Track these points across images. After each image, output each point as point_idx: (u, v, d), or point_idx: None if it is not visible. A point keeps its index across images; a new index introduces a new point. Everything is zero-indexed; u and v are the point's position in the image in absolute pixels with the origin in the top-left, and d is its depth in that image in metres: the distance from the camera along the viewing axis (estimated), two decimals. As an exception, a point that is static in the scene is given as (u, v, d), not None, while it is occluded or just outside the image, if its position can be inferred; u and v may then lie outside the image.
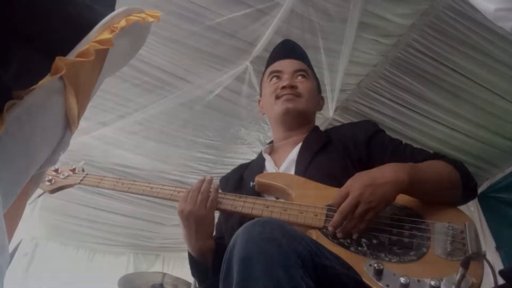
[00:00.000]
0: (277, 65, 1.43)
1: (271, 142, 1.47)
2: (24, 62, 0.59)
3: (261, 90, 1.51)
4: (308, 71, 1.44)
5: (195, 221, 1.11)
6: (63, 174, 1.36)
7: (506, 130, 2.93)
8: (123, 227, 4.07)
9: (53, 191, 1.36)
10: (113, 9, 0.74)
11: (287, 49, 1.52)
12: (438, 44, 2.40)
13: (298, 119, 1.36)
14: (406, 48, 2.48)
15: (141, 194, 1.24)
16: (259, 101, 1.52)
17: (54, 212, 3.80)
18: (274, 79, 1.41)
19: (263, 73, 1.52)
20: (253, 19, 2.27)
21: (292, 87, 1.34)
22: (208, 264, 1.15)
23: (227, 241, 0.82)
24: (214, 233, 1.34)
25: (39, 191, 1.38)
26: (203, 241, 1.14)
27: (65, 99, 0.64)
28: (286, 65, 1.42)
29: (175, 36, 2.36)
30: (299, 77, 1.39)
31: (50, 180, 1.34)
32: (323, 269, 0.81)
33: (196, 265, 1.18)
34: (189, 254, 1.19)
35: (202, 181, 1.16)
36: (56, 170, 1.37)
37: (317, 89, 1.47)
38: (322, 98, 1.50)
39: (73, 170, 1.37)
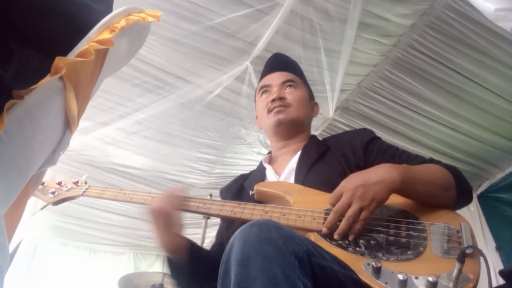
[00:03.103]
0: (266, 80, 1.47)
1: (270, 152, 1.49)
2: (24, 62, 0.59)
3: (256, 106, 1.53)
4: (297, 80, 1.45)
5: (160, 216, 1.15)
6: (66, 187, 1.38)
7: (506, 130, 2.93)
8: (123, 227, 4.07)
9: (56, 203, 1.38)
10: (111, 9, 0.74)
11: (274, 63, 1.55)
12: (438, 44, 2.40)
13: (292, 129, 1.38)
14: (406, 48, 2.49)
15: (143, 204, 1.26)
16: (257, 116, 1.54)
17: (54, 212, 3.80)
18: (265, 94, 1.44)
19: (255, 90, 1.56)
20: (253, 19, 2.28)
21: (281, 98, 1.37)
22: (182, 261, 1.17)
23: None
24: (216, 241, 1.38)
25: (42, 203, 1.39)
26: (171, 236, 1.16)
27: (65, 99, 0.64)
28: (274, 78, 1.43)
29: (175, 36, 2.36)
30: (288, 88, 1.41)
31: (53, 192, 1.36)
32: (320, 269, 0.81)
33: (171, 263, 1.20)
34: (167, 258, 1.21)
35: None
36: (59, 183, 1.39)
37: (309, 96, 1.47)
38: (316, 104, 1.51)
39: (76, 183, 1.38)
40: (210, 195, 2.32)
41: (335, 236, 0.98)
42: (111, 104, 2.79)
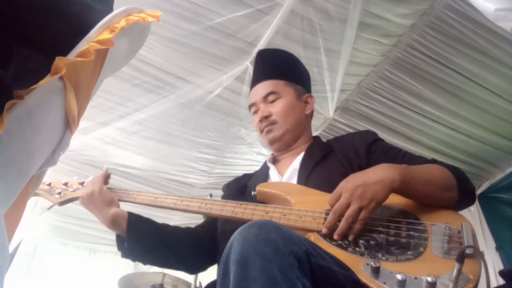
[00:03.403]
0: (251, 96, 1.44)
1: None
2: (24, 62, 0.59)
3: None
4: (278, 86, 1.38)
5: (88, 199, 1.27)
6: (72, 187, 1.39)
7: (506, 130, 2.93)
8: (123, 227, 4.07)
9: (62, 203, 1.39)
10: (111, 9, 0.74)
11: (255, 73, 1.51)
12: (438, 44, 2.40)
13: (286, 141, 1.37)
14: (406, 48, 2.49)
15: (146, 205, 1.30)
16: None
17: (54, 212, 3.81)
18: (254, 113, 1.43)
19: None
20: (253, 19, 2.28)
21: (266, 117, 1.35)
22: (122, 230, 1.25)
23: (224, 244, 0.82)
24: (204, 219, 1.45)
25: (42, 203, 1.41)
26: (105, 210, 1.25)
27: (65, 99, 0.64)
28: (256, 94, 1.40)
29: (175, 36, 2.36)
30: (270, 101, 1.38)
31: (59, 193, 1.37)
32: (320, 269, 0.81)
33: (116, 238, 1.29)
34: (116, 235, 1.30)
35: None
36: (65, 184, 1.40)
37: (297, 95, 1.40)
38: (310, 96, 1.45)
39: (82, 184, 1.40)
40: (210, 195, 2.32)
41: (335, 236, 0.98)
42: (111, 104, 2.79)
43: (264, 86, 1.40)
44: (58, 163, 0.72)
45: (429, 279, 0.80)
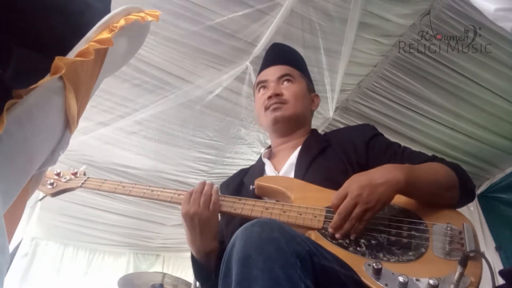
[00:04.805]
0: (263, 75, 1.42)
1: (270, 146, 1.46)
2: (23, 62, 0.59)
3: (255, 103, 1.51)
4: (294, 73, 1.39)
5: (200, 223, 1.10)
6: (65, 178, 1.36)
7: (506, 130, 2.93)
8: (123, 227, 4.07)
9: (54, 194, 1.36)
10: (109, 8, 0.74)
11: (271, 56, 1.50)
12: (438, 44, 2.40)
13: (290, 125, 1.35)
14: (406, 48, 2.48)
15: (142, 197, 1.24)
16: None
17: (54, 212, 3.80)
18: (262, 90, 1.41)
19: (253, 85, 1.52)
20: (253, 19, 2.28)
21: (278, 95, 1.33)
22: (211, 266, 1.14)
23: (228, 244, 0.82)
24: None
25: (40, 194, 1.38)
26: (207, 242, 1.12)
27: (64, 99, 0.64)
28: (271, 73, 1.39)
29: (175, 36, 2.36)
30: (285, 83, 1.36)
31: (52, 184, 1.34)
32: (322, 269, 0.81)
33: (199, 267, 1.17)
34: (192, 257, 1.19)
35: (203, 184, 1.17)
36: (58, 174, 1.37)
37: (308, 88, 1.42)
38: (317, 96, 1.47)
39: (75, 174, 1.37)
40: (210, 195, 2.31)
41: (337, 236, 0.97)
42: (111, 104, 2.79)
43: (281, 68, 1.40)
44: (58, 163, 0.72)
45: (431, 281, 0.80)
